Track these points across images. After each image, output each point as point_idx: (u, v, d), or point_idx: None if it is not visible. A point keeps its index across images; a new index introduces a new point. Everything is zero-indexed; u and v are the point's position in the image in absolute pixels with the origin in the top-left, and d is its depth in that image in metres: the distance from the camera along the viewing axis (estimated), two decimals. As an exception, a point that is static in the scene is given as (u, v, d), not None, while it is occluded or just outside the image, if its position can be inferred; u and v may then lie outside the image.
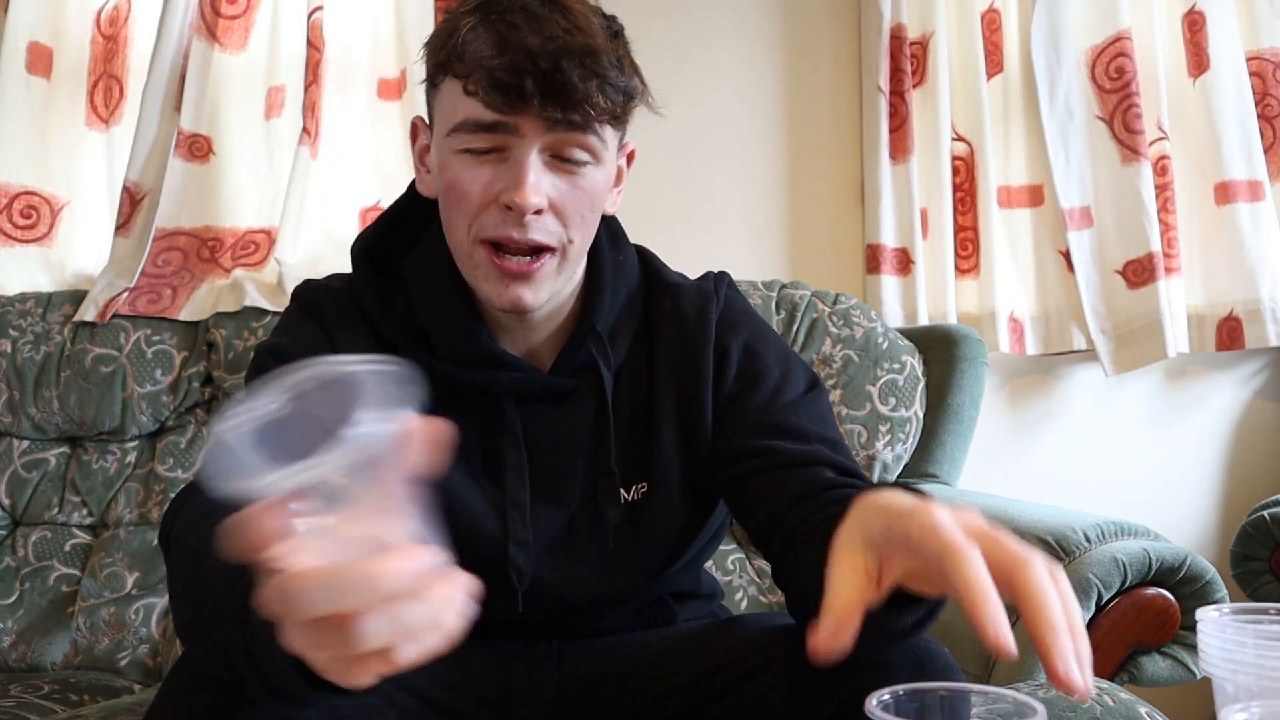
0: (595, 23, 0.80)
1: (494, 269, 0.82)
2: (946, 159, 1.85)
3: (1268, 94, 1.93)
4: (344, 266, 1.71)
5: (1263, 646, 0.59)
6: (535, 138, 0.79)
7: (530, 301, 0.83)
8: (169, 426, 1.56)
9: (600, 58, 0.78)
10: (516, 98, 0.77)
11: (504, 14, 0.78)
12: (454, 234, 0.84)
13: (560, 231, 0.83)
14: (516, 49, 0.76)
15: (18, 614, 1.43)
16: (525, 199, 0.78)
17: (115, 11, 1.70)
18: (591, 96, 0.78)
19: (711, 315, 0.93)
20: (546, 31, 0.76)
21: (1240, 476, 2.00)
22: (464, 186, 0.81)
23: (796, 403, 0.90)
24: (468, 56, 0.78)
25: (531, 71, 0.76)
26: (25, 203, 1.64)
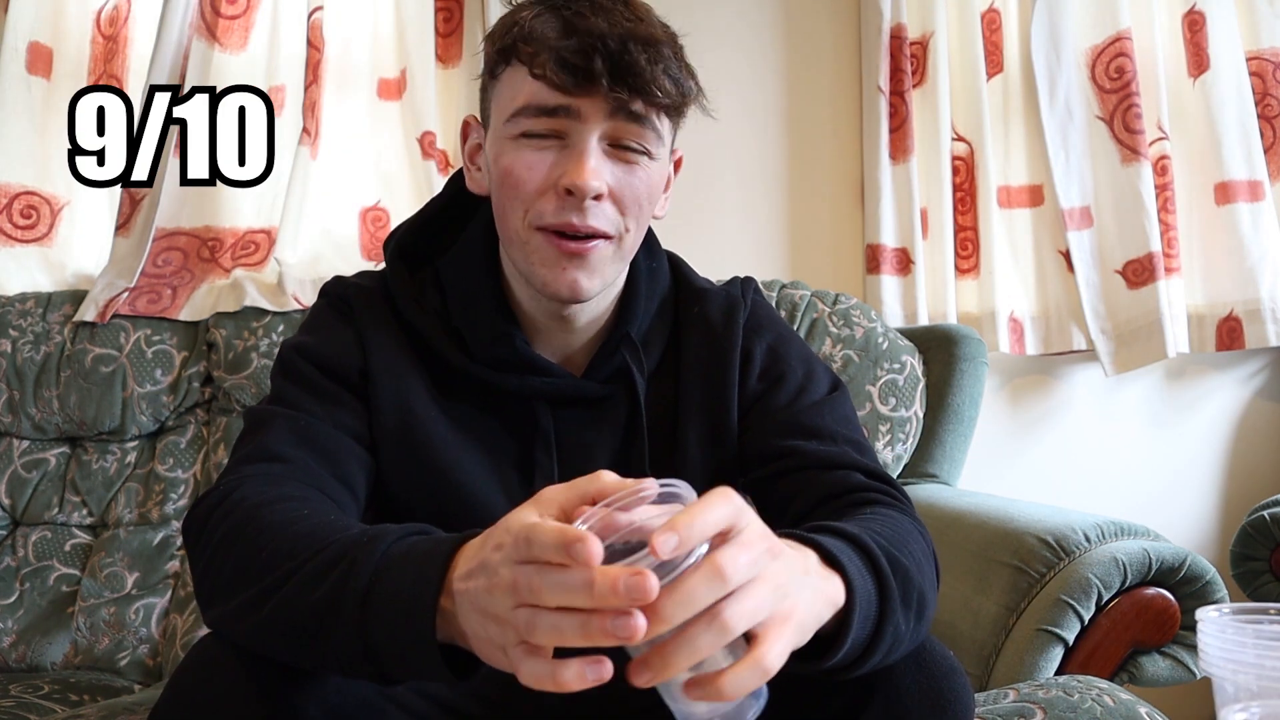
0: (655, 18, 0.83)
1: (552, 250, 0.82)
2: (946, 159, 1.85)
3: (1268, 94, 1.93)
4: (344, 266, 1.72)
5: (1263, 646, 0.59)
6: (597, 123, 0.79)
7: (585, 287, 0.83)
8: (169, 426, 1.56)
9: (661, 48, 0.79)
10: (584, 78, 0.77)
11: (569, 3, 0.80)
12: (509, 222, 0.84)
13: (618, 220, 0.83)
14: (584, 31, 0.77)
15: (18, 614, 1.43)
16: (586, 182, 0.79)
17: (115, 11, 1.70)
18: (658, 80, 0.79)
19: (739, 320, 0.93)
20: (612, 18, 0.78)
21: (1240, 476, 2.00)
22: (521, 172, 0.81)
23: (820, 403, 0.90)
24: (534, 39, 0.79)
25: (601, 51, 0.77)
26: (25, 203, 1.64)
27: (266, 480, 0.75)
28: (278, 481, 0.75)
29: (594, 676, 0.52)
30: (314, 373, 0.86)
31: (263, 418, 0.83)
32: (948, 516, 1.39)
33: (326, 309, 0.93)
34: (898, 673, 0.68)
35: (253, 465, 0.78)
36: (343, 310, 0.91)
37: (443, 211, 0.96)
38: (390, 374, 0.87)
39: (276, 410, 0.84)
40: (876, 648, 0.64)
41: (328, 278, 1.64)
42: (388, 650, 0.59)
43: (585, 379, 0.90)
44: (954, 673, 0.70)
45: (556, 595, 0.51)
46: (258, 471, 0.76)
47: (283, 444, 0.80)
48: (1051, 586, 1.17)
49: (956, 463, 1.61)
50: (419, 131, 1.73)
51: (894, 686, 0.68)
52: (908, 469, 1.60)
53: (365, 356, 0.87)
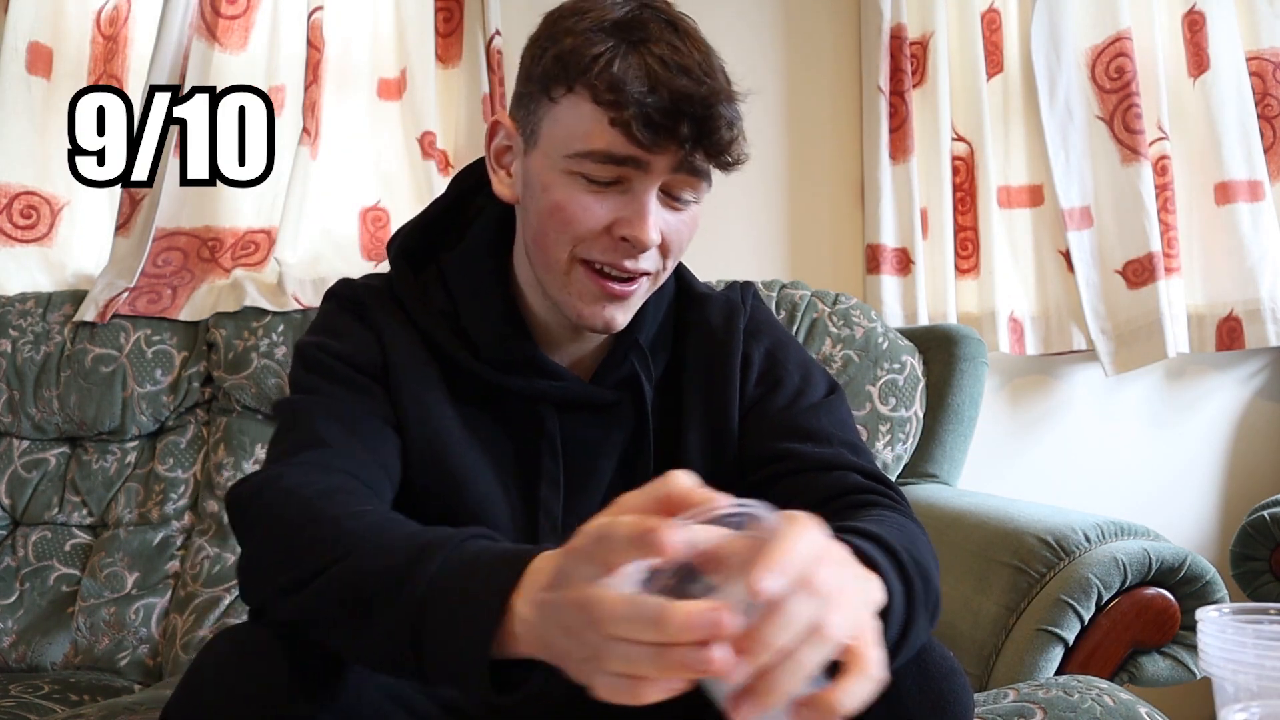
0: (715, 59, 0.81)
1: (594, 288, 0.82)
2: (946, 159, 1.85)
3: (1268, 94, 1.93)
4: (344, 266, 1.72)
5: (1263, 646, 0.59)
6: (659, 175, 0.79)
7: (621, 322, 0.85)
8: (169, 426, 1.56)
9: (731, 104, 0.79)
10: (667, 137, 0.76)
11: (647, 43, 0.77)
12: (550, 251, 0.83)
13: (660, 260, 0.84)
14: (670, 88, 0.76)
15: (18, 614, 1.43)
16: (647, 235, 0.79)
17: (115, 11, 1.70)
18: (733, 145, 0.79)
19: (739, 325, 0.94)
20: (693, 73, 0.77)
21: (1240, 476, 2.00)
22: (577, 212, 0.80)
23: (817, 406, 0.90)
24: (617, 87, 0.76)
25: (689, 115, 0.76)
26: (25, 203, 1.64)
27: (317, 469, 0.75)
28: (327, 471, 0.75)
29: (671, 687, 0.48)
30: (340, 365, 0.86)
31: (301, 407, 0.83)
32: (948, 516, 1.39)
33: (339, 310, 0.92)
34: (898, 674, 0.68)
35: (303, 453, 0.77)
36: (356, 311, 0.90)
37: (446, 212, 0.95)
38: (408, 372, 0.87)
39: (313, 400, 0.84)
40: (901, 651, 0.65)
41: (328, 278, 1.66)
42: (436, 649, 0.58)
43: (593, 384, 0.90)
44: (954, 673, 0.71)
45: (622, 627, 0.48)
46: (308, 460, 0.76)
47: (328, 430, 0.80)
48: (1051, 586, 1.17)
49: (956, 463, 1.61)
50: (419, 131, 1.73)
51: (894, 687, 0.68)
52: (908, 469, 1.60)
53: (384, 354, 0.87)
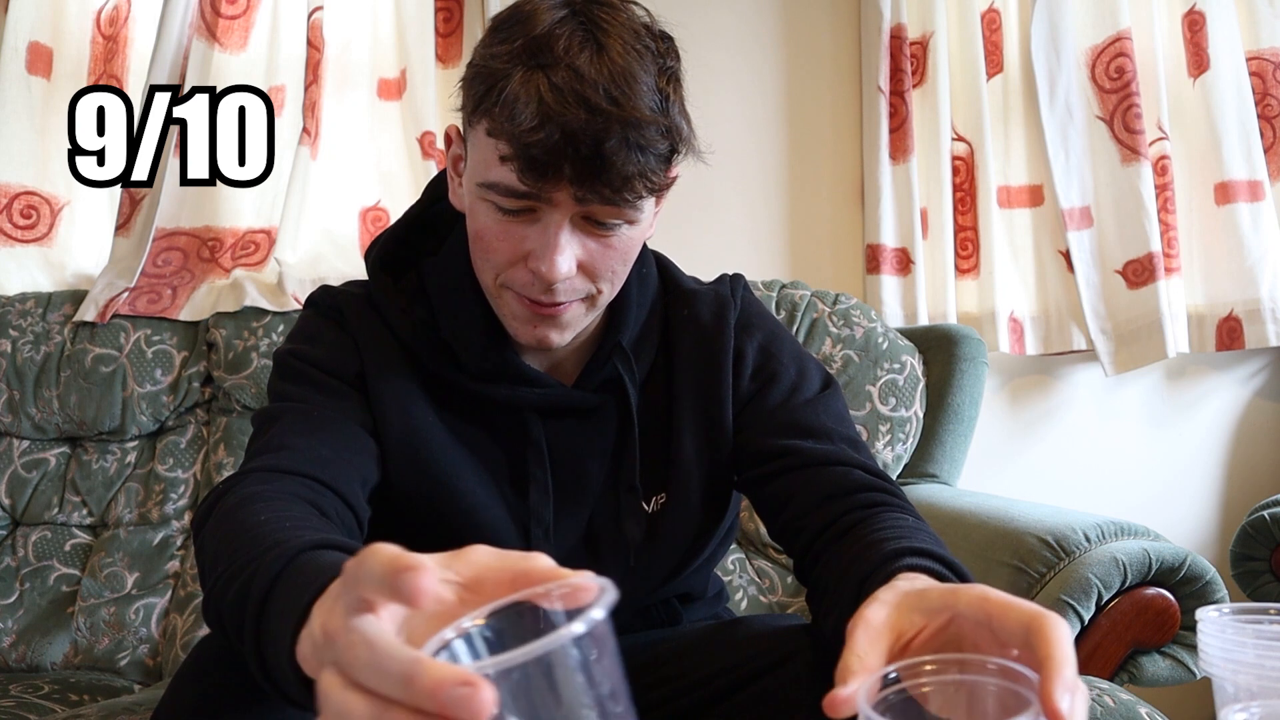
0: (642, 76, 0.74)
1: (522, 309, 0.81)
2: (946, 159, 1.85)
3: (1268, 94, 1.93)
4: (344, 266, 1.72)
5: (1263, 646, 0.59)
6: (566, 208, 0.75)
7: (556, 341, 0.83)
8: (169, 426, 1.56)
9: (645, 129, 0.72)
10: (552, 178, 0.73)
11: (549, 68, 0.72)
12: (481, 274, 0.83)
13: (588, 286, 0.81)
14: (555, 123, 0.70)
15: (18, 614, 1.43)
16: (555, 272, 0.76)
17: (115, 11, 1.70)
18: (631, 180, 0.73)
19: (730, 320, 0.92)
20: (592, 100, 0.71)
21: (1240, 476, 2.00)
22: (492, 242, 0.79)
23: (814, 401, 0.90)
24: (506, 120, 0.72)
25: (570, 156, 0.71)
26: (25, 203, 1.64)
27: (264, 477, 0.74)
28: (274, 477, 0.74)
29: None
30: (315, 372, 0.86)
31: (272, 414, 0.82)
32: (948, 516, 1.39)
33: (316, 317, 0.91)
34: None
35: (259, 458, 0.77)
36: (334, 318, 0.90)
37: (420, 217, 0.93)
38: (387, 381, 0.86)
39: (285, 405, 0.83)
40: None
41: (328, 278, 1.66)
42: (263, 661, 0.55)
43: (577, 388, 0.89)
44: None
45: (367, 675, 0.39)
46: (262, 464, 0.75)
47: (290, 434, 0.79)
48: (1051, 586, 1.17)
49: (956, 463, 1.61)
50: (419, 131, 1.73)
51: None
52: (908, 469, 1.60)
53: (362, 361, 0.87)
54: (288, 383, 0.86)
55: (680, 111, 0.78)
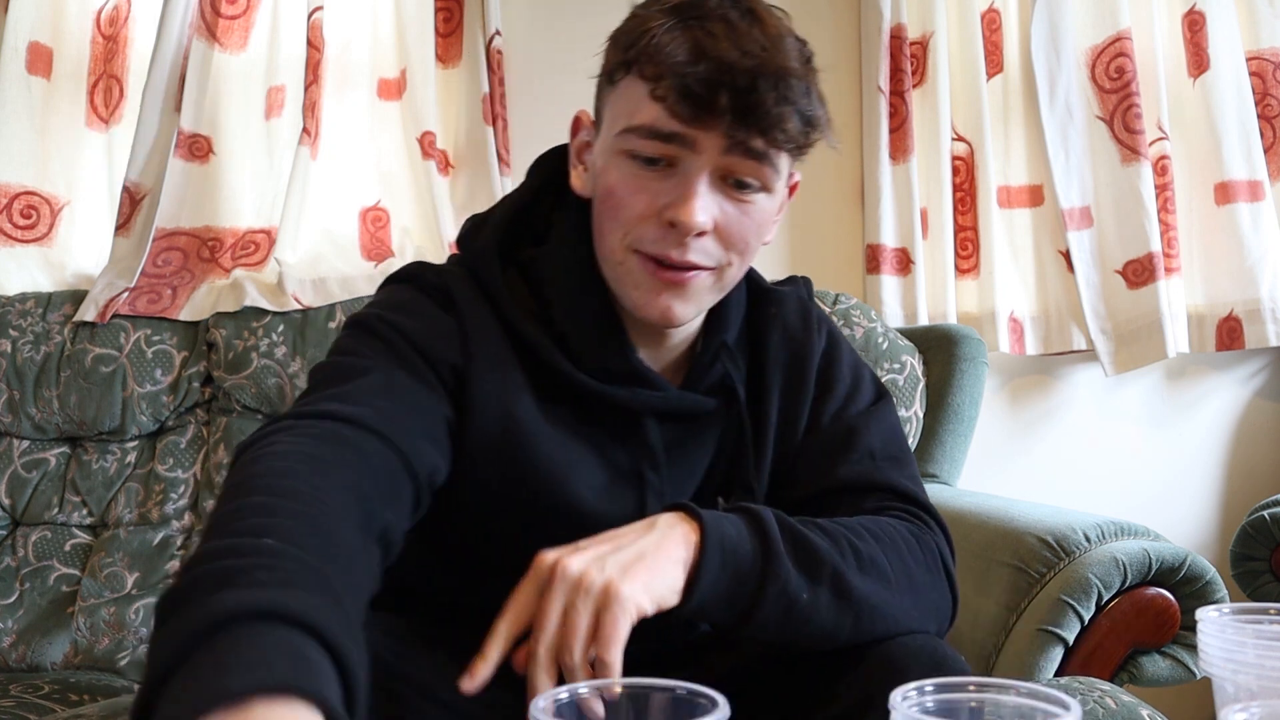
0: (791, 44, 0.77)
1: (647, 277, 0.78)
2: (946, 159, 1.85)
3: (1268, 94, 1.93)
4: (345, 266, 1.72)
5: (1263, 646, 0.59)
6: (711, 156, 0.75)
7: (680, 314, 0.80)
8: (169, 426, 1.56)
9: (795, 83, 0.74)
10: (706, 110, 0.72)
11: (702, 20, 0.74)
12: (605, 239, 0.80)
13: (720, 254, 0.79)
14: (713, 59, 0.72)
15: (18, 614, 1.43)
16: (691, 218, 0.75)
17: (115, 11, 1.70)
18: (784, 122, 0.74)
19: (814, 325, 0.92)
20: (745, 46, 0.72)
21: (1240, 476, 2.00)
22: (625, 195, 0.77)
23: (865, 414, 0.89)
24: (660, 59, 0.73)
25: (728, 85, 0.72)
26: (25, 203, 1.64)
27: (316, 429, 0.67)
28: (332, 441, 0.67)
29: None
30: (403, 345, 0.78)
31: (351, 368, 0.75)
32: (948, 516, 1.38)
33: (420, 295, 0.84)
34: (913, 673, 0.68)
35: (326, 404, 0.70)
36: (440, 300, 0.83)
37: (529, 206, 0.90)
38: (493, 374, 0.80)
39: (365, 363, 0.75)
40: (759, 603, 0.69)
41: (328, 277, 1.66)
42: None
43: (685, 388, 0.86)
44: (967, 674, 0.71)
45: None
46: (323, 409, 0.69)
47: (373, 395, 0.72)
48: (1051, 586, 1.17)
49: (956, 463, 1.61)
50: (419, 131, 1.73)
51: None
52: (908, 469, 1.60)
53: (467, 353, 0.80)
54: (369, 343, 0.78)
55: (821, 98, 0.79)
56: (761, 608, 0.70)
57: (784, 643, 0.74)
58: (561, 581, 0.65)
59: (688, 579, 0.69)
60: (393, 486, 0.70)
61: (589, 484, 0.82)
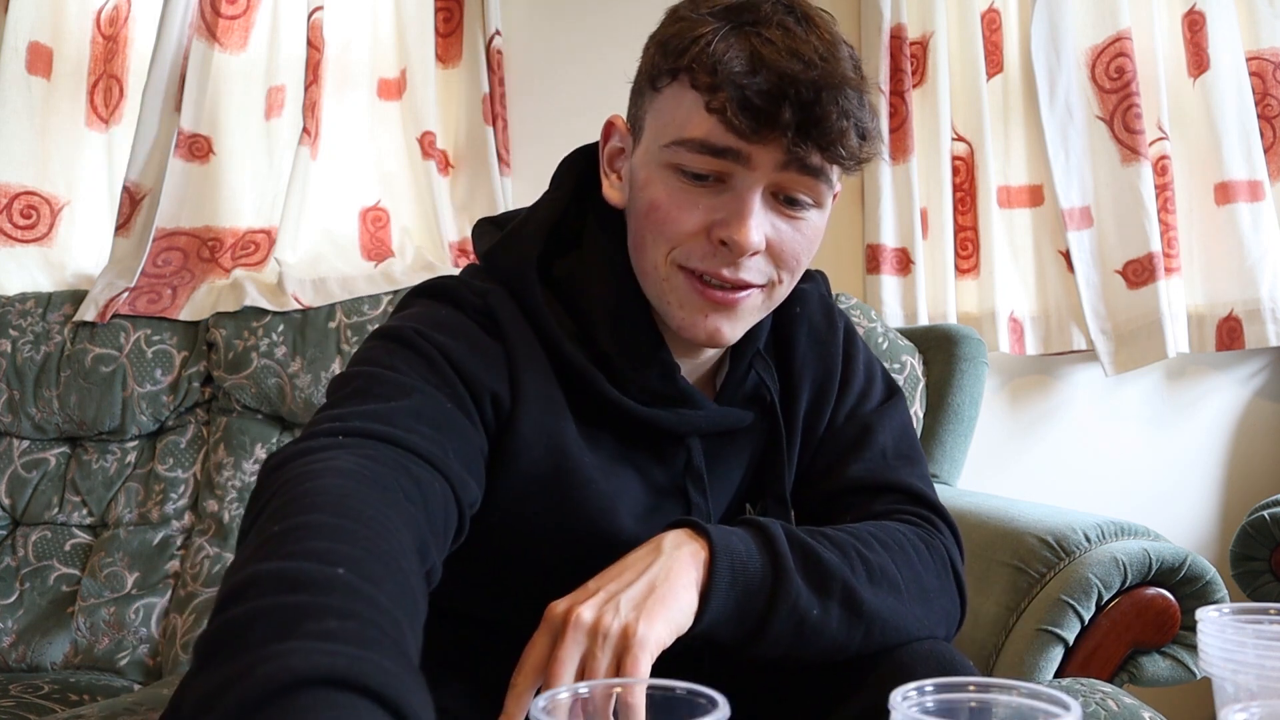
0: (845, 52, 0.72)
1: (695, 296, 0.75)
2: (946, 159, 1.85)
3: (1268, 94, 1.93)
4: (344, 266, 1.72)
5: (1263, 646, 0.59)
6: (765, 173, 0.71)
7: (728, 336, 0.76)
8: (169, 426, 1.56)
9: (850, 94, 0.70)
10: (767, 125, 0.68)
11: (758, 26, 0.70)
12: (646, 253, 0.76)
13: (771, 271, 0.76)
14: (775, 70, 0.68)
15: (18, 614, 1.43)
16: (747, 239, 0.71)
17: (115, 11, 1.70)
18: (845, 136, 0.70)
19: (839, 323, 0.91)
20: (806, 56, 0.69)
21: (1240, 476, 2.00)
22: (673, 210, 0.73)
23: (877, 411, 0.88)
24: (716, 68, 0.69)
25: (791, 100, 0.68)
26: (25, 203, 1.64)
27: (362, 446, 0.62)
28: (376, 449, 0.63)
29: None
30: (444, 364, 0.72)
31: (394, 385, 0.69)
32: (948, 516, 1.39)
33: (463, 317, 0.77)
34: (920, 677, 0.68)
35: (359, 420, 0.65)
36: (486, 324, 0.77)
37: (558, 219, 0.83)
38: (540, 406, 0.76)
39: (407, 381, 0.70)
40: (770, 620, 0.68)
41: (328, 278, 1.66)
42: None
43: (721, 400, 0.84)
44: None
45: None
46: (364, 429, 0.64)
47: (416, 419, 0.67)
48: (1051, 586, 1.17)
49: (956, 463, 1.61)
50: (419, 131, 1.73)
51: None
52: (908, 469, 1.60)
53: (514, 383, 0.75)
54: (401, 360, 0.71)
55: (873, 109, 0.75)
56: (772, 625, 0.69)
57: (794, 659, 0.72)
58: (576, 631, 0.63)
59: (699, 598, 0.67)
60: (445, 520, 0.66)
61: (633, 510, 0.79)
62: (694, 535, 0.70)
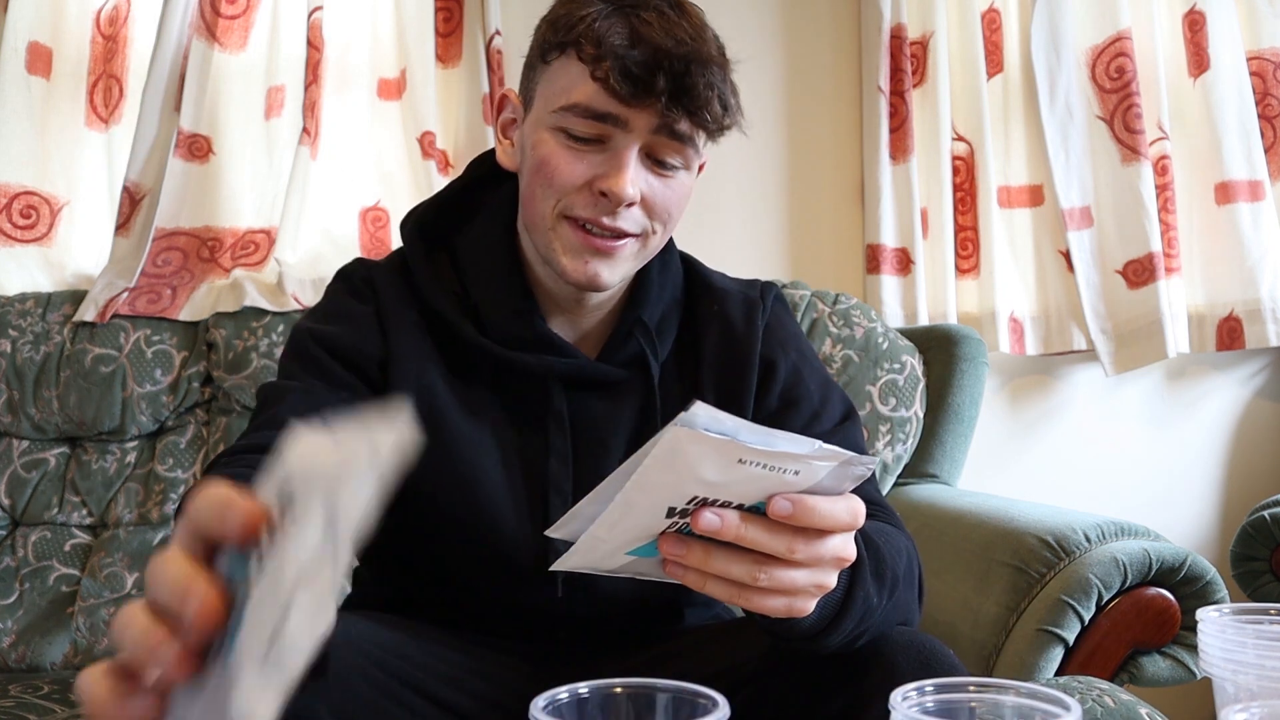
0: (711, 35, 0.83)
1: (577, 242, 0.84)
2: (946, 159, 1.85)
3: (1268, 94, 1.93)
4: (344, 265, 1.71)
5: (1263, 647, 0.59)
6: (640, 135, 0.81)
7: (606, 279, 0.85)
8: (169, 426, 1.56)
9: (715, 70, 0.80)
10: (644, 91, 0.78)
11: (637, 9, 0.80)
12: (536, 206, 0.85)
13: (645, 222, 0.85)
14: (651, 44, 0.78)
15: (17, 614, 1.43)
16: (623, 189, 0.80)
17: (115, 11, 1.70)
18: (711, 105, 0.80)
19: (759, 323, 0.94)
20: (677, 34, 0.79)
21: (1240, 476, 2.00)
22: (560, 165, 0.82)
23: (832, 432, 0.90)
24: (600, 41, 0.79)
25: (666, 70, 0.78)
26: (25, 203, 1.64)
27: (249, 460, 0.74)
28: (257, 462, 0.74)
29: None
30: (327, 359, 0.86)
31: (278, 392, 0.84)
32: (948, 516, 1.39)
33: (346, 293, 0.92)
34: (902, 673, 0.68)
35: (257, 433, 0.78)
36: (362, 293, 0.91)
37: (461, 193, 0.96)
38: (411, 358, 0.87)
39: (291, 384, 0.85)
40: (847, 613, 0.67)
41: (328, 278, 1.64)
42: None
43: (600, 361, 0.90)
44: (957, 671, 0.71)
45: None
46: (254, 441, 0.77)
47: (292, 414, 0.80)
48: (1052, 586, 1.17)
49: (956, 463, 1.61)
50: (419, 131, 1.73)
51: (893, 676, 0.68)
52: (908, 469, 1.59)
53: (385, 340, 0.88)
54: (296, 363, 0.87)
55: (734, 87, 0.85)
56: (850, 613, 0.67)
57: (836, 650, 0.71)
58: None
59: None
60: None
61: (491, 445, 0.87)
62: None
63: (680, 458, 0.51)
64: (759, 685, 0.79)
